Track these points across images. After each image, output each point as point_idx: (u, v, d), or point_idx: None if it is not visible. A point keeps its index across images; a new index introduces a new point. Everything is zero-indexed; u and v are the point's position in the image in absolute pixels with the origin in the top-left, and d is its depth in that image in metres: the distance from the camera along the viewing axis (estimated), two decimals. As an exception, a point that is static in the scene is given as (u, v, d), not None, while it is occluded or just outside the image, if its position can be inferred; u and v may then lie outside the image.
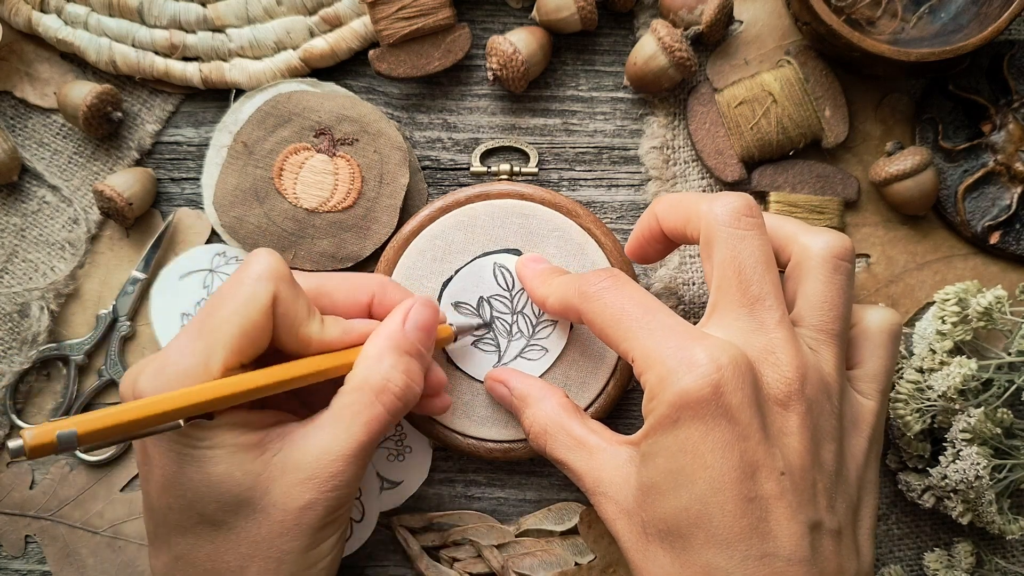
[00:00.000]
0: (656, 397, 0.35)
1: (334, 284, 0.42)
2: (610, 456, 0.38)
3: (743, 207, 0.38)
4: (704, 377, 0.34)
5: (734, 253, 0.37)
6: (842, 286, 0.39)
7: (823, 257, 0.39)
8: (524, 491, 0.50)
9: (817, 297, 0.38)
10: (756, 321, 0.36)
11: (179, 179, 0.52)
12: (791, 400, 0.35)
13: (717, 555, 0.33)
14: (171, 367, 0.36)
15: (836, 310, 0.38)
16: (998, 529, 0.45)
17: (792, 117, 0.50)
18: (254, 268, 0.38)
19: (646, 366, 0.36)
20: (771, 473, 0.34)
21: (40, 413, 0.50)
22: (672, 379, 0.34)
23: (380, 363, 0.39)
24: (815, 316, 0.38)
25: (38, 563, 0.50)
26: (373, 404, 0.38)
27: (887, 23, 0.51)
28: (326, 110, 0.49)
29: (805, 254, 0.39)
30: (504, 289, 0.47)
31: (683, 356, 0.35)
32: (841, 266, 0.39)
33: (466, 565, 0.49)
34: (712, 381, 0.34)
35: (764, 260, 0.37)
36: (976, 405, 0.45)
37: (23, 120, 0.52)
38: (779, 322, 0.36)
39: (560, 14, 0.49)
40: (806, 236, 0.40)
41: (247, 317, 0.37)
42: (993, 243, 0.51)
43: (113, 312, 0.50)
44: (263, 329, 0.37)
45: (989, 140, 0.50)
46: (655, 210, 0.42)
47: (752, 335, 0.36)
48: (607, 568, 0.49)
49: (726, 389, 0.34)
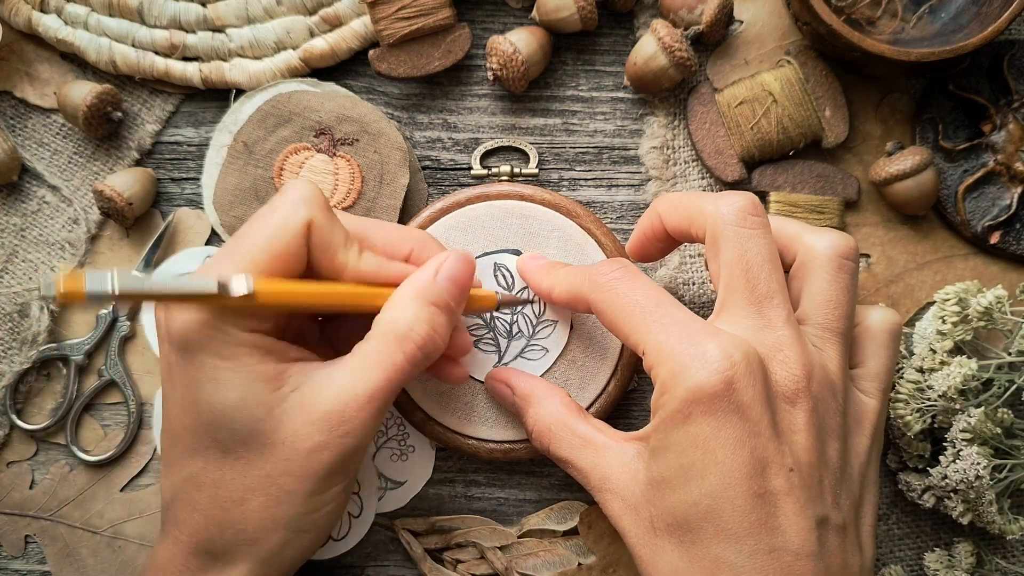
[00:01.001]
0: (668, 391, 0.35)
1: (374, 230, 0.42)
2: (616, 453, 0.39)
3: (749, 206, 0.38)
4: (717, 373, 0.34)
5: (741, 252, 0.37)
6: (847, 285, 0.39)
7: (828, 256, 0.39)
8: (524, 491, 0.50)
9: (822, 296, 0.38)
10: (764, 319, 0.37)
11: (179, 179, 0.52)
12: (799, 397, 0.35)
13: (726, 549, 0.34)
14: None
15: (841, 309, 0.38)
16: (998, 529, 0.45)
17: (792, 117, 0.50)
18: (291, 194, 0.38)
19: (658, 360, 0.36)
20: (780, 469, 0.34)
21: (40, 413, 0.50)
22: (685, 374, 0.34)
23: (405, 310, 0.38)
24: (820, 314, 0.38)
25: (38, 563, 0.50)
26: (394, 351, 0.37)
27: (887, 23, 0.51)
28: (326, 110, 0.49)
29: (810, 254, 0.39)
30: (504, 289, 0.47)
31: (696, 351, 0.35)
32: (845, 265, 0.39)
33: (469, 567, 0.49)
34: (725, 377, 0.34)
35: (771, 259, 0.38)
36: (976, 405, 0.45)
37: (23, 120, 0.52)
38: (786, 320, 0.37)
39: (560, 14, 0.49)
40: (811, 236, 0.40)
41: (280, 239, 0.37)
42: (993, 243, 0.51)
43: (113, 312, 0.50)
44: (296, 254, 0.37)
45: (989, 140, 0.50)
46: (658, 209, 0.42)
47: (760, 332, 0.36)
48: (607, 568, 0.49)
49: (739, 385, 0.34)
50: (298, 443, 0.36)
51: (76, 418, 0.50)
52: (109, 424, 0.51)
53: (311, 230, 0.38)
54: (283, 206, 0.38)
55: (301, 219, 0.37)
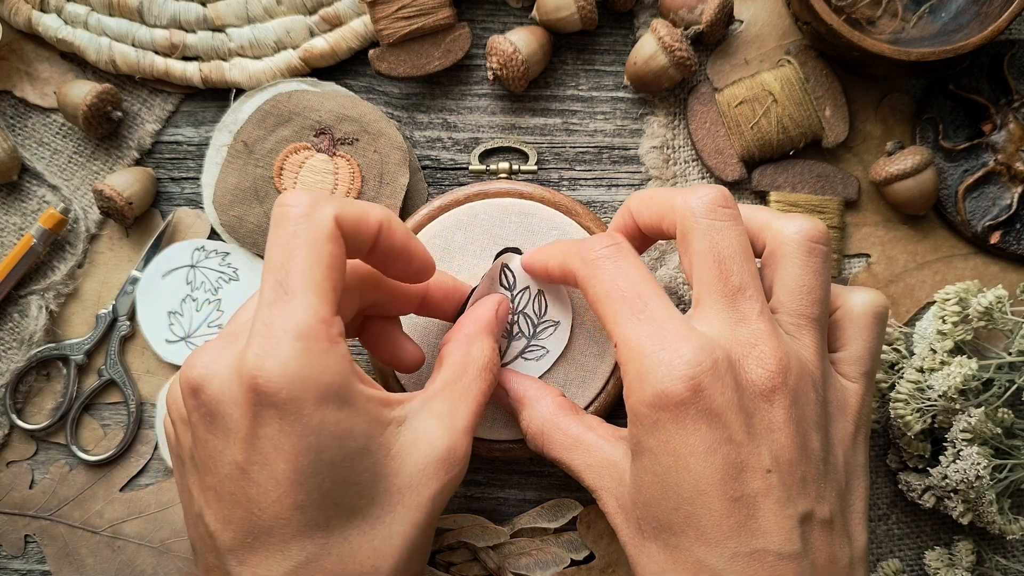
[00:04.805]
0: (634, 394, 0.35)
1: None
2: (607, 452, 0.39)
3: (719, 198, 0.37)
4: (683, 380, 0.33)
5: (712, 244, 0.36)
6: (818, 269, 0.38)
7: (797, 242, 0.38)
8: (524, 491, 0.50)
9: (795, 282, 0.38)
10: (738, 313, 0.36)
11: (179, 178, 0.52)
12: (775, 393, 0.35)
13: (707, 553, 0.33)
14: (283, 332, 0.31)
15: (814, 294, 0.38)
16: (998, 529, 0.45)
17: (792, 117, 0.50)
18: (294, 211, 0.34)
19: (627, 358, 0.35)
20: (757, 472, 0.34)
21: (40, 413, 0.50)
22: (651, 378, 0.34)
23: (483, 345, 0.40)
24: (793, 301, 0.38)
25: (38, 563, 0.50)
26: (481, 382, 0.39)
27: (887, 23, 0.51)
28: (326, 110, 0.49)
29: (778, 239, 0.38)
30: (505, 289, 0.47)
31: (664, 356, 0.34)
32: (816, 248, 0.38)
33: (462, 569, 0.49)
34: (692, 384, 0.33)
35: (742, 250, 0.37)
36: (976, 405, 0.45)
37: (23, 119, 0.52)
38: (760, 313, 0.36)
39: (560, 13, 0.49)
40: (779, 222, 0.39)
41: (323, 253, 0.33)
42: (993, 243, 0.50)
43: (113, 312, 0.50)
44: (340, 257, 0.34)
45: (989, 140, 0.50)
46: (630, 206, 0.42)
47: (735, 328, 0.36)
48: (607, 568, 0.49)
49: (707, 391, 0.33)
50: (422, 488, 0.34)
51: (76, 418, 0.50)
52: (109, 424, 0.51)
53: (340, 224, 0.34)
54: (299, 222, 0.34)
55: (327, 221, 0.34)
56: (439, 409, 0.37)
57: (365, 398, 0.33)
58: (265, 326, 0.32)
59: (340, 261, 0.34)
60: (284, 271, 0.33)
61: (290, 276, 0.33)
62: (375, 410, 0.34)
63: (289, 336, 0.31)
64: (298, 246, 0.33)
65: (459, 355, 0.39)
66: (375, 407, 0.34)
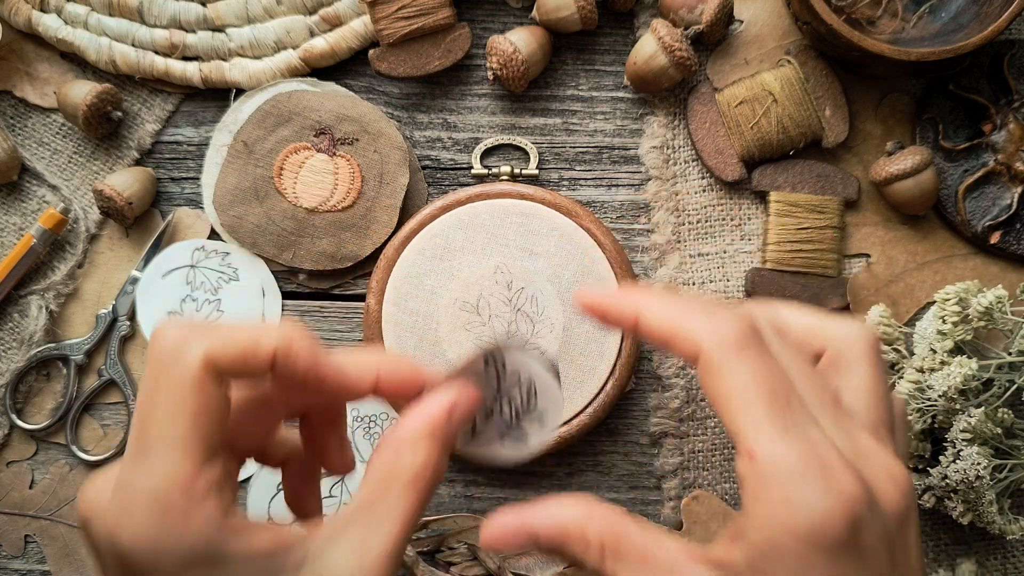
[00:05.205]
0: (775, 522, 0.29)
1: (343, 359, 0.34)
2: None
3: (748, 328, 0.32)
4: (846, 518, 0.29)
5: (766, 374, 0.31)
6: (885, 374, 0.35)
7: (864, 348, 0.34)
8: (525, 491, 0.50)
9: (870, 391, 0.34)
10: (844, 430, 0.31)
11: (179, 179, 0.52)
12: (910, 514, 0.31)
13: None
14: (139, 494, 0.29)
15: (887, 401, 0.34)
16: (998, 529, 0.45)
17: (792, 117, 0.50)
18: (159, 350, 0.30)
19: (770, 476, 0.30)
20: None
21: (40, 413, 0.50)
22: (805, 508, 0.29)
23: (421, 451, 0.33)
24: (871, 410, 0.34)
25: (38, 563, 0.50)
26: (403, 497, 0.32)
27: (887, 23, 0.51)
28: (326, 110, 0.49)
29: (845, 344, 0.35)
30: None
31: (823, 485, 0.29)
32: (880, 354, 0.35)
33: (462, 568, 0.49)
34: (853, 521, 0.29)
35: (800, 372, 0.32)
36: (976, 405, 0.45)
37: (23, 119, 0.52)
38: (861, 427, 0.32)
39: (560, 13, 0.49)
40: (838, 327, 0.35)
41: (186, 404, 0.30)
42: (993, 243, 0.50)
43: (113, 312, 0.50)
44: (212, 402, 0.30)
45: (989, 140, 0.50)
46: (638, 307, 0.35)
47: (855, 455, 0.31)
48: (607, 568, 0.49)
49: (865, 529, 0.29)
50: None
51: (76, 418, 0.50)
52: (109, 424, 0.51)
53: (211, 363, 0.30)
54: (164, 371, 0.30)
55: (193, 363, 0.30)
56: (352, 538, 0.31)
57: (244, 556, 0.30)
58: (122, 485, 0.30)
59: (213, 406, 0.30)
60: (143, 425, 0.30)
61: (148, 431, 0.30)
62: (259, 564, 0.30)
63: (145, 498, 0.29)
64: (160, 396, 0.30)
65: (384, 466, 0.32)
66: (259, 561, 0.30)
